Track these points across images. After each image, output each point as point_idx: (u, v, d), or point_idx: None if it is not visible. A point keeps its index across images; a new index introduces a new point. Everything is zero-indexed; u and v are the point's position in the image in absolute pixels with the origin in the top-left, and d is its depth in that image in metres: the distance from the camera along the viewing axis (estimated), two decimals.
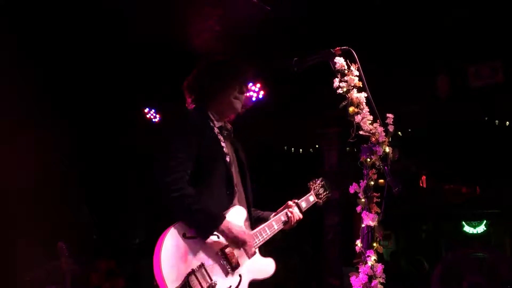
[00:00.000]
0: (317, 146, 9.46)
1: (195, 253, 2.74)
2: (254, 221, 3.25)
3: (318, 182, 3.69)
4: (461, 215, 10.93)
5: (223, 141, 3.11)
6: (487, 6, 6.34)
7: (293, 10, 6.13)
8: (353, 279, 2.90)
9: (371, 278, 2.86)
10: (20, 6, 6.10)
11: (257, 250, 3.06)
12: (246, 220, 3.10)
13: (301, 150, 9.75)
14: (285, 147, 9.84)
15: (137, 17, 6.36)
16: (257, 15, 6.05)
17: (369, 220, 2.93)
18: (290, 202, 3.42)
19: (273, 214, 3.38)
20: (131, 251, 11.03)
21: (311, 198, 3.57)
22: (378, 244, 2.93)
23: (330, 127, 8.70)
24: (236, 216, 2.99)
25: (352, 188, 3.10)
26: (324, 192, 3.67)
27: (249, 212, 3.18)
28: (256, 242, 3.04)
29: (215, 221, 2.84)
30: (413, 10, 6.42)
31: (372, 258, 2.88)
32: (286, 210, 3.34)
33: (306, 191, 3.60)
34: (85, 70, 7.60)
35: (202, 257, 2.76)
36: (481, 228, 11.62)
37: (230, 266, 2.84)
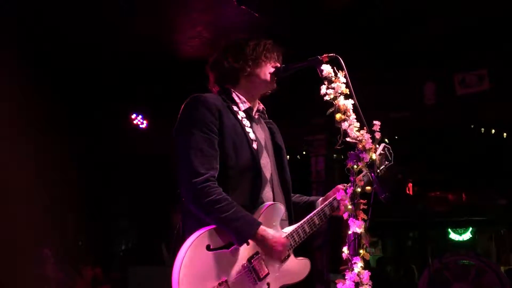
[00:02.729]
0: (304, 152, 9.47)
1: (218, 267, 2.51)
2: (302, 209, 3.06)
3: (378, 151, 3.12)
4: (447, 222, 11.00)
5: (249, 126, 2.90)
6: (474, 14, 6.40)
7: (281, 16, 6.15)
8: (339, 286, 2.89)
9: (357, 285, 2.84)
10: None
11: (291, 252, 2.86)
12: (283, 217, 2.88)
13: (288, 156, 9.73)
14: None
15: (126, 23, 6.35)
16: (245, 22, 6.06)
17: (356, 227, 2.92)
18: (340, 186, 3.11)
19: (321, 199, 3.16)
20: (117, 257, 10.98)
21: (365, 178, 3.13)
22: (365, 251, 2.92)
23: (317, 134, 8.72)
24: (271, 217, 2.79)
25: (339, 195, 3.10)
26: (383, 163, 3.18)
27: (287, 205, 2.97)
28: (291, 244, 2.83)
29: (250, 228, 2.62)
30: (399, 18, 6.47)
31: (358, 265, 2.85)
32: (331, 200, 3.08)
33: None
34: (73, 75, 7.58)
35: (225, 271, 2.54)
36: (467, 235, 11.70)
37: (257, 276, 2.64)
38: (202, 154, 2.64)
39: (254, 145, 2.85)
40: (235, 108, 2.91)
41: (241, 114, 2.92)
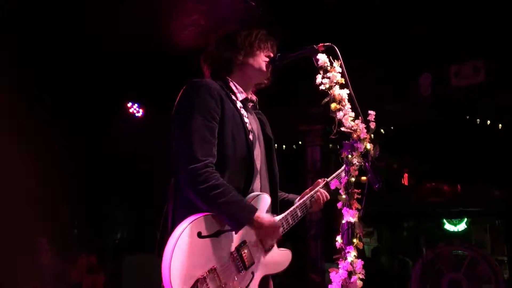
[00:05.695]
0: (300, 142, 9.47)
1: (208, 254, 2.53)
2: (279, 206, 3.08)
3: None
4: (442, 213, 11.01)
5: (246, 116, 2.90)
6: (470, 6, 6.39)
7: (278, 5, 6.13)
8: (332, 275, 2.89)
9: (350, 274, 2.85)
10: None
11: (274, 243, 2.91)
12: (268, 209, 2.90)
13: (284, 146, 9.76)
14: None
15: (121, 12, 6.32)
16: (241, 11, 6.04)
17: (350, 216, 2.92)
18: (320, 180, 3.24)
19: (299, 197, 3.19)
20: (112, 246, 10.98)
21: (343, 174, 3.19)
22: (358, 240, 2.90)
23: (313, 124, 8.73)
24: (259, 206, 2.80)
25: (333, 184, 3.08)
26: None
27: (273, 198, 2.98)
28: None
29: (248, 213, 2.66)
30: (396, 9, 6.45)
31: (352, 254, 2.85)
32: (312, 193, 3.16)
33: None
34: (68, 64, 7.55)
35: (214, 258, 2.55)
36: (462, 226, 11.71)
37: (243, 265, 2.67)
38: (202, 141, 2.63)
39: (250, 136, 2.86)
40: (233, 97, 2.90)
41: (239, 104, 2.92)
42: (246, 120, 2.89)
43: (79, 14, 6.40)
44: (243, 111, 2.90)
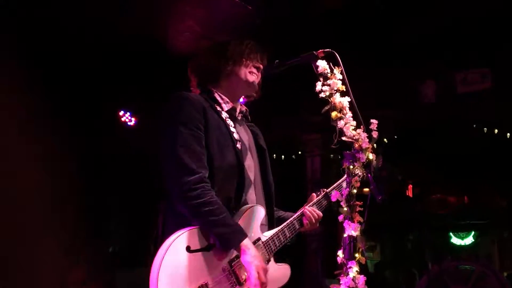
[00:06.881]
0: (300, 152, 9.41)
1: (198, 269, 2.45)
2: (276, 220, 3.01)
3: None
4: (449, 226, 10.91)
5: (233, 126, 2.87)
6: (476, 12, 6.31)
7: (276, 11, 6.11)
8: None
9: None
10: None
11: (271, 257, 2.81)
12: (263, 221, 2.83)
13: (283, 156, 9.71)
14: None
15: (114, 18, 6.26)
16: (238, 16, 5.98)
17: (351, 230, 2.84)
18: (314, 195, 3.14)
19: (295, 215, 3.08)
20: (105, 260, 10.91)
21: (344, 184, 3.04)
22: (360, 255, 2.83)
23: (313, 133, 8.68)
24: (251, 219, 2.73)
25: (334, 196, 3.00)
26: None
27: (269, 209, 2.95)
28: (272, 249, 2.79)
29: (237, 238, 2.55)
30: (400, 14, 6.41)
31: (354, 270, 2.77)
32: (299, 214, 3.03)
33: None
34: (60, 71, 7.49)
35: (206, 274, 2.46)
36: (469, 240, 11.57)
37: (237, 281, 2.56)
38: (192, 152, 2.60)
39: (238, 145, 2.84)
40: (218, 108, 2.87)
41: (224, 114, 2.88)
42: (232, 129, 2.86)
43: (80, 15, 6.33)
44: (229, 121, 2.87)
